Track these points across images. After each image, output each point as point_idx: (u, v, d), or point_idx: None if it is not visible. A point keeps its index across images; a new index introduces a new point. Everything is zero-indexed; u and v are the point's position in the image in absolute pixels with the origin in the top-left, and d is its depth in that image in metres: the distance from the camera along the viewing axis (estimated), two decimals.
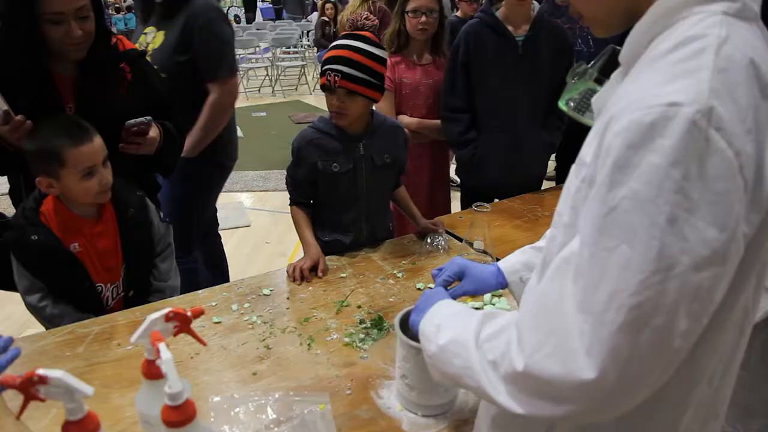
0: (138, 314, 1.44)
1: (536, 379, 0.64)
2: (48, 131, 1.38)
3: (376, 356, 1.28)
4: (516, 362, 0.65)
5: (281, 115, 7.17)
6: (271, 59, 9.03)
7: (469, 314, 0.82)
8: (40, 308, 1.47)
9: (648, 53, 0.65)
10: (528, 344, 0.65)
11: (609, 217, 0.59)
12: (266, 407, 1.08)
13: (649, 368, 0.60)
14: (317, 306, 1.48)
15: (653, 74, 0.61)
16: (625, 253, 0.58)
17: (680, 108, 0.55)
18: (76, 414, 0.75)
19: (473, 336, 0.75)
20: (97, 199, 1.44)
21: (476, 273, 1.12)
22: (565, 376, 0.61)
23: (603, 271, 0.59)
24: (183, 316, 0.85)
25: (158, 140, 1.63)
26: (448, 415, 1.12)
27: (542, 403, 0.65)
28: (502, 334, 0.71)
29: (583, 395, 0.62)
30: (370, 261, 1.71)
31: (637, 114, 0.57)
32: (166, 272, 1.64)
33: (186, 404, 0.76)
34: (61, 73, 1.55)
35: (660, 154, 0.56)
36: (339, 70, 1.55)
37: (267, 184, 4.82)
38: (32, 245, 1.41)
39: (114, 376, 1.22)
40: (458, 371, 0.77)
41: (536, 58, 2.17)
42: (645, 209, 0.56)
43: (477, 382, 0.72)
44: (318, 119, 1.72)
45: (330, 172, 1.67)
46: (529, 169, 2.37)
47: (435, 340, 0.84)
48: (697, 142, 0.55)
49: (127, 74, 1.63)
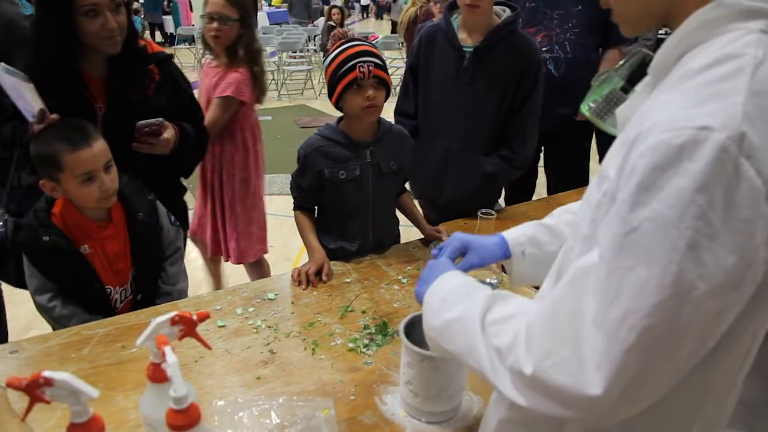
0: (143, 317, 1.44)
1: (543, 383, 0.64)
2: (50, 135, 1.39)
3: (380, 362, 1.28)
4: (525, 365, 0.65)
5: (287, 119, 7.18)
6: (277, 63, 9.06)
7: (476, 291, 0.82)
8: (49, 308, 1.47)
9: (679, 68, 0.64)
10: (539, 350, 0.65)
11: (629, 237, 0.58)
12: (270, 412, 1.08)
13: (652, 386, 0.61)
14: (322, 311, 1.48)
15: (684, 93, 0.60)
16: (643, 275, 0.57)
17: (711, 133, 0.54)
18: (81, 416, 0.75)
19: (479, 316, 0.76)
20: (99, 204, 1.45)
21: (480, 245, 1.11)
22: (572, 387, 0.62)
23: (619, 290, 0.59)
24: (188, 319, 0.85)
25: (173, 141, 1.64)
26: (452, 421, 1.12)
27: (545, 401, 0.66)
28: (511, 322, 0.72)
29: (585, 406, 0.63)
30: (375, 266, 1.71)
31: (666, 135, 0.56)
32: (174, 276, 1.64)
33: (191, 408, 0.76)
34: (92, 73, 1.59)
35: (687, 179, 0.55)
36: (372, 60, 1.55)
37: (272, 188, 4.83)
38: (43, 246, 1.41)
39: (118, 378, 1.22)
40: (461, 350, 0.78)
41: (486, 73, 1.95)
42: (666, 232, 0.56)
43: (479, 363, 0.74)
44: (324, 126, 1.72)
45: (337, 180, 1.66)
46: (457, 193, 2.08)
47: (439, 314, 0.84)
48: (726, 169, 0.54)
49: (156, 76, 1.66)
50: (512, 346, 0.68)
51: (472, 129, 2.01)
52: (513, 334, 0.69)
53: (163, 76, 1.67)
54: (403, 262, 1.73)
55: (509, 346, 0.69)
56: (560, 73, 2.51)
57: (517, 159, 2.05)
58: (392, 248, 1.83)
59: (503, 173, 2.06)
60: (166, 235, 1.63)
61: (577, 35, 2.46)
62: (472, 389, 1.18)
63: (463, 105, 1.99)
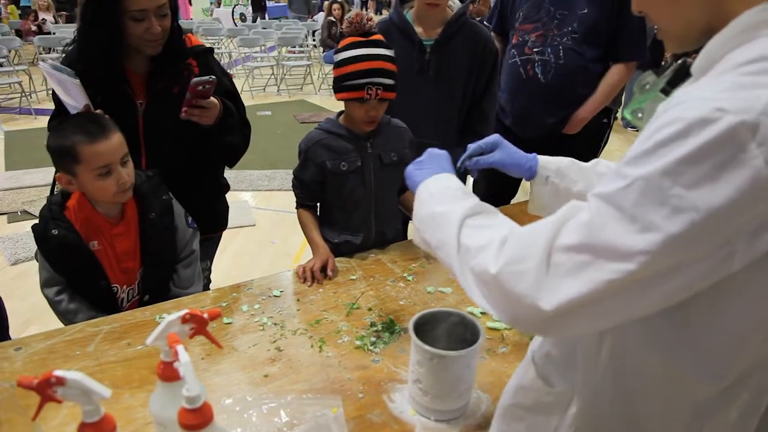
0: (148, 314, 1.43)
1: (502, 285, 0.68)
2: (67, 128, 1.38)
3: (387, 359, 1.28)
4: (491, 266, 0.69)
5: (286, 115, 7.16)
6: (276, 58, 9.03)
7: (467, 197, 0.86)
8: (56, 302, 1.47)
9: (721, 64, 0.65)
10: (507, 256, 0.69)
11: (620, 192, 0.61)
12: (279, 410, 1.08)
13: (592, 323, 0.66)
14: (328, 308, 1.47)
15: (719, 82, 0.61)
16: (621, 227, 0.60)
17: (725, 114, 0.55)
18: (93, 416, 0.74)
19: (460, 217, 0.79)
20: (116, 199, 1.44)
21: (511, 149, 1.13)
22: (526, 297, 0.66)
23: (597, 233, 0.62)
24: (200, 318, 0.85)
25: (218, 109, 1.64)
26: (461, 419, 1.12)
27: (496, 302, 0.70)
28: (488, 230, 0.76)
29: (530, 316, 0.66)
30: (379, 263, 1.71)
31: (684, 111, 0.58)
32: (187, 279, 1.63)
33: (204, 407, 0.75)
34: (134, 70, 1.63)
35: (687, 150, 0.56)
36: (381, 83, 1.55)
37: (272, 184, 4.81)
38: (52, 239, 1.41)
39: (124, 376, 1.21)
40: (437, 243, 0.83)
41: (447, 65, 1.97)
42: (654, 195, 0.58)
43: (449, 259, 0.79)
44: (324, 120, 1.72)
45: (338, 172, 1.66)
46: None
47: (426, 205, 0.88)
48: (729, 151, 0.55)
49: (195, 69, 1.67)
50: (482, 248, 0.72)
51: (441, 121, 2.03)
52: (487, 238, 0.73)
53: (202, 70, 1.68)
54: (407, 259, 1.73)
55: (479, 247, 0.73)
56: (547, 79, 2.37)
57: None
58: (396, 245, 1.82)
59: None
60: (180, 236, 1.62)
61: (575, 42, 2.32)
62: (481, 387, 1.18)
63: (430, 98, 2.00)
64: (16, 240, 3.68)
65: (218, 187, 1.97)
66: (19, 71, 7.54)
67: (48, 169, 4.64)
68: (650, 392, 0.72)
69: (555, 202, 1.06)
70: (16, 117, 6.88)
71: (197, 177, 1.80)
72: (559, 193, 1.07)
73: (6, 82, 7.20)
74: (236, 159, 1.87)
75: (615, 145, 5.84)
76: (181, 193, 1.66)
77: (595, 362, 0.77)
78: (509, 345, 1.33)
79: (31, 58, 8.68)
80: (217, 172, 1.94)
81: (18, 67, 7.62)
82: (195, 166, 1.77)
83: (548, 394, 0.83)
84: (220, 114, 1.65)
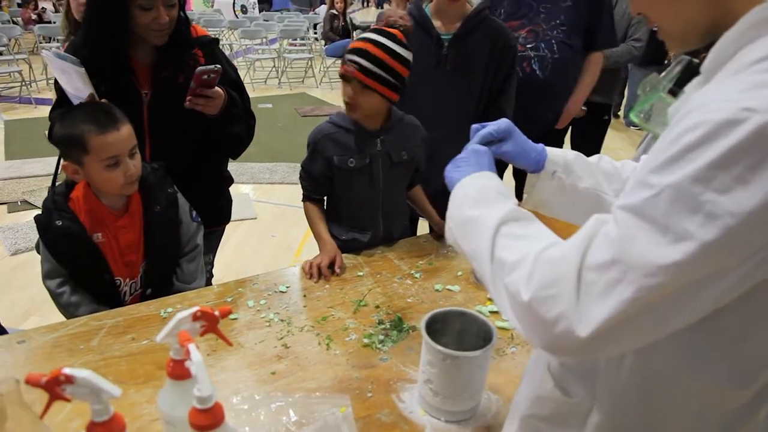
0: (152, 308, 1.41)
1: (536, 312, 0.65)
2: (77, 117, 1.36)
3: (395, 358, 1.26)
4: (523, 291, 0.66)
5: (287, 108, 7.12)
6: (278, 50, 8.99)
7: (503, 200, 0.82)
8: (57, 294, 1.45)
9: (733, 62, 0.63)
10: (541, 279, 0.65)
11: (649, 201, 0.59)
12: (287, 409, 1.06)
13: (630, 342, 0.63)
14: (335, 305, 1.45)
15: (736, 82, 0.59)
16: (653, 239, 0.58)
17: (753, 113, 0.54)
18: (103, 415, 0.72)
19: (495, 224, 0.76)
20: (123, 191, 1.42)
21: (522, 139, 1.09)
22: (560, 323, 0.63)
23: (627, 247, 0.60)
24: (211, 315, 0.83)
25: (223, 98, 1.62)
26: (471, 421, 1.10)
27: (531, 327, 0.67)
28: (524, 241, 0.73)
29: (567, 343, 0.63)
30: (386, 260, 1.69)
31: (709, 114, 0.56)
32: (190, 273, 1.61)
33: (215, 407, 0.74)
34: (139, 60, 1.61)
35: (717, 153, 0.54)
36: (357, 62, 1.52)
37: (273, 177, 4.78)
38: (56, 230, 1.39)
39: (129, 371, 1.19)
40: (470, 250, 0.80)
41: (465, 60, 1.94)
42: (686, 203, 0.56)
43: (482, 270, 0.76)
44: (336, 114, 1.69)
45: (346, 168, 1.64)
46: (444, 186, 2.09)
47: (460, 209, 0.85)
48: (762, 150, 0.53)
49: (201, 59, 1.66)
50: (516, 265, 0.69)
51: (456, 118, 1.98)
52: (522, 253, 0.69)
53: (208, 60, 1.66)
54: (414, 256, 1.71)
55: (513, 263, 0.69)
56: (545, 74, 2.36)
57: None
58: (403, 242, 1.80)
59: None
60: (184, 230, 1.60)
61: (564, 34, 2.31)
62: (490, 388, 1.16)
63: (447, 93, 1.97)
64: (16, 230, 3.66)
65: (222, 180, 1.95)
66: (19, 60, 7.49)
67: (48, 159, 4.63)
68: (677, 402, 0.70)
69: (559, 198, 1.04)
70: (16, 106, 6.84)
71: (201, 169, 1.78)
72: (565, 189, 1.04)
73: (6, 71, 7.15)
74: (240, 150, 1.85)
75: (617, 143, 5.82)
76: (185, 185, 1.64)
77: (617, 372, 0.74)
78: (518, 345, 1.32)
79: (31, 47, 8.63)
80: (221, 165, 1.92)
81: (18, 56, 7.58)
82: (199, 158, 1.75)
83: (566, 403, 0.81)
84: (224, 104, 1.63)
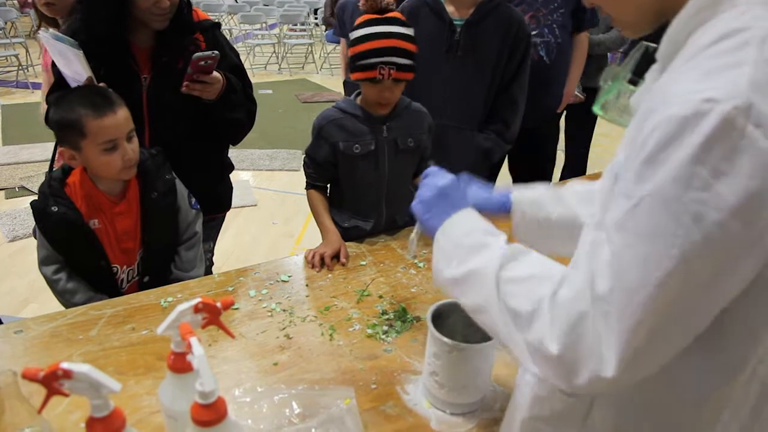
0: (152, 297, 1.39)
1: (565, 362, 0.63)
2: (73, 101, 1.33)
3: (400, 349, 1.24)
4: (550, 344, 0.63)
5: (287, 94, 7.07)
6: (278, 36, 8.90)
7: (493, 240, 0.77)
8: (54, 281, 1.43)
9: (687, 48, 0.63)
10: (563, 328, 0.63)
11: (632, 214, 0.57)
12: (290, 401, 1.04)
13: (657, 359, 0.61)
14: (337, 294, 1.43)
15: (693, 68, 0.58)
16: (645, 251, 0.57)
17: (716, 104, 0.53)
18: (102, 411, 0.70)
19: (494, 272, 0.72)
20: (120, 175, 1.39)
21: (477, 188, 1.07)
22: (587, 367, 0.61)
23: (622, 268, 0.58)
24: (213, 307, 0.80)
25: (221, 84, 1.59)
26: (477, 413, 1.08)
27: (557, 376, 0.65)
28: (529, 283, 0.69)
29: (596, 382, 0.62)
30: (389, 249, 1.66)
31: (673, 109, 0.55)
32: (189, 261, 1.59)
33: (218, 402, 0.72)
34: (139, 44, 1.58)
35: (688, 151, 0.53)
36: (394, 63, 1.48)
37: (273, 164, 4.75)
38: (52, 216, 1.36)
39: (129, 362, 1.17)
40: (472, 305, 0.75)
41: (477, 46, 1.90)
42: (669, 207, 0.55)
43: (492, 323, 0.72)
44: (342, 99, 1.66)
45: (351, 154, 1.61)
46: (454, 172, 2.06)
47: (451, 263, 0.79)
48: (731, 139, 0.52)
49: (201, 44, 1.63)
50: (534, 315, 0.66)
51: (466, 104, 1.97)
52: (534, 300, 0.66)
53: (209, 45, 1.63)
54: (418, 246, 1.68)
55: (530, 313, 0.66)
56: (552, 60, 2.36)
57: (509, 134, 2.03)
58: (406, 230, 1.78)
59: (498, 149, 2.03)
60: (183, 217, 1.57)
61: (563, 17, 2.30)
62: (497, 381, 1.14)
63: (456, 79, 1.94)
64: (14, 216, 3.63)
65: (222, 166, 1.92)
66: (15, 44, 7.41)
67: (46, 144, 4.58)
68: (677, 399, 0.69)
69: (536, 235, 1.02)
70: (12, 91, 6.78)
71: (201, 155, 1.75)
72: (540, 225, 1.02)
73: (2, 55, 7.09)
74: (241, 136, 1.83)
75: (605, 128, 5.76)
76: (184, 171, 1.61)
77: None
78: None
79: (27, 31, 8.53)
80: (221, 151, 1.89)
81: (15, 40, 7.50)
82: (199, 143, 1.72)
83: (565, 402, 0.78)
84: (222, 89, 1.60)
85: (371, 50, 1.49)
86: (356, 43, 1.52)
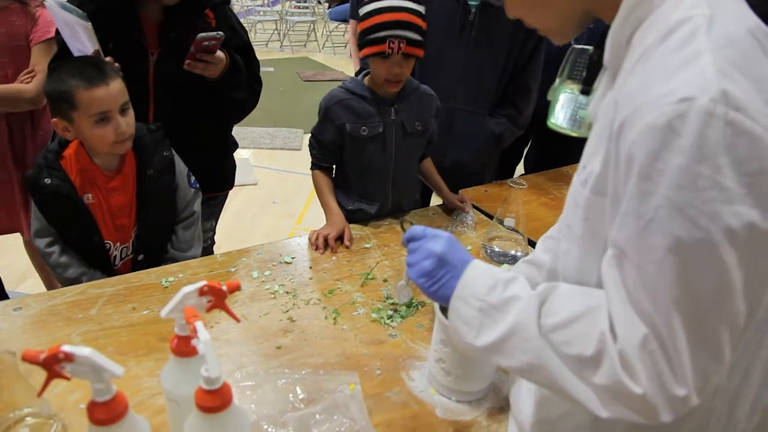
0: (153, 276, 1.37)
1: (647, 403, 0.60)
2: (65, 71, 1.30)
3: (405, 335, 1.22)
4: (632, 386, 0.60)
5: (289, 72, 6.99)
6: (280, 13, 8.78)
7: (516, 290, 0.71)
8: (47, 254, 1.41)
9: (634, 48, 0.61)
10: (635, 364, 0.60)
11: (649, 230, 0.55)
12: (294, 386, 1.02)
13: (722, 362, 0.59)
14: (342, 277, 1.41)
15: (651, 70, 0.57)
16: (673, 262, 0.55)
17: (692, 101, 0.52)
18: (104, 395, 0.68)
19: (535, 325, 0.67)
20: (114, 149, 1.36)
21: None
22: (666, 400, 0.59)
23: (656, 285, 0.57)
24: (218, 290, 0.78)
25: (224, 63, 1.56)
26: (483, 401, 1.07)
27: (629, 412, 0.62)
28: (580, 324, 0.65)
29: (674, 408, 0.59)
30: (394, 232, 1.64)
31: (650, 118, 0.54)
32: (186, 241, 1.56)
33: (223, 388, 0.69)
34: (148, 18, 1.55)
35: (683, 155, 0.52)
36: (404, 36, 1.44)
37: (275, 142, 4.70)
38: (45, 188, 1.34)
39: (129, 342, 1.15)
40: (523, 366, 0.68)
41: (491, 28, 1.84)
42: (684, 214, 0.53)
43: (550, 378, 0.66)
44: (349, 80, 1.62)
45: (358, 136, 1.57)
46: (464, 155, 1.99)
47: (482, 331, 0.71)
48: (719, 130, 0.51)
49: (212, 21, 1.60)
50: (599, 357, 0.62)
51: (478, 87, 1.92)
52: (594, 341, 0.62)
53: (219, 21, 1.60)
54: None
55: (594, 357, 0.62)
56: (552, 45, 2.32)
57: (521, 119, 1.99)
58: (411, 213, 1.75)
59: (508, 134, 1.99)
60: (181, 196, 1.53)
61: None
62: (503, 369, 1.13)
63: (469, 61, 1.89)
64: None
65: (226, 144, 1.88)
66: None
67: None
68: None
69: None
70: None
71: (205, 133, 1.72)
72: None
73: None
74: (243, 115, 1.81)
75: None
76: (187, 149, 1.58)
77: None
78: None
79: None
80: (225, 130, 1.86)
81: None
82: (203, 121, 1.69)
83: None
84: (225, 68, 1.57)
85: (381, 23, 1.45)
86: (366, 17, 1.48)
